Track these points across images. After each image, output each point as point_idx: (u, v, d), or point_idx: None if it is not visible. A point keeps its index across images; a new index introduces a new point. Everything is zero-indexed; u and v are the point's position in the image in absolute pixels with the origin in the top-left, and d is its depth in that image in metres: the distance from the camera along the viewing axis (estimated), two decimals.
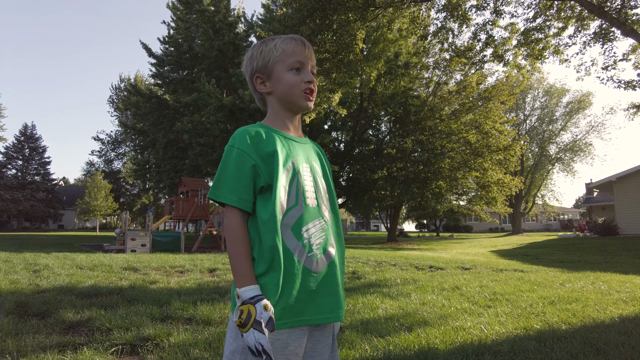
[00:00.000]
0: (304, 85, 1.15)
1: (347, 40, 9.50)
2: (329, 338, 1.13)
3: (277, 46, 1.15)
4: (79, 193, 43.98)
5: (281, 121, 1.17)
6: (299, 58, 1.15)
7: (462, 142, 18.05)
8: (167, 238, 12.46)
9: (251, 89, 1.22)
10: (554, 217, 49.74)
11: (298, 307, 1.03)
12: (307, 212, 1.08)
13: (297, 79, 1.14)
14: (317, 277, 1.06)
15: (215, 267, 7.01)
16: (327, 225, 1.13)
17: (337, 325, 1.20)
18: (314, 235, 1.08)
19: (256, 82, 1.17)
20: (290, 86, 1.14)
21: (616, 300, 4.31)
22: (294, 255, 1.03)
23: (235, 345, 1.03)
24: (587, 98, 33.62)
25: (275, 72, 1.14)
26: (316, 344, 1.09)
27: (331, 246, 1.12)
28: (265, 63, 1.15)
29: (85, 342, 2.69)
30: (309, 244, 1.06)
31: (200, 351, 2.53)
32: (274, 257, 1.01)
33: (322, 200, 1.14)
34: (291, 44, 1.15)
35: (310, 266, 1.05)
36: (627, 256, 11.34)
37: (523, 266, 8.35)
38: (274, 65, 1.14)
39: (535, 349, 2.63)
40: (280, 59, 1.14)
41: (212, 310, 3.61)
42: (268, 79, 1.16)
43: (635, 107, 12.86)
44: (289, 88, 1.14)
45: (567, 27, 11.02)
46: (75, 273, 5.87)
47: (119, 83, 42.72)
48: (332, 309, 1.08)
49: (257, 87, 1.18)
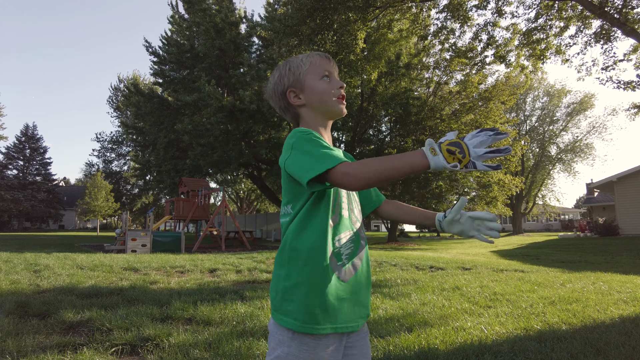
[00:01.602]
0: (337, 92, 1.19)
1: (347, 40, 9.51)
2: (355, 348, 1.12)
3: (303, 60, 1.21)
4: (80, 193, 44.03)
5: (317, 131, 1.17)
6: (327, 67, 1.20)
7: None
8: (167, 238, 12.47)
9: (281, 108, 1.23)
10: (554, 217, 49.70)
11: (331, 313, 1.04)
12: (341, 223, 1.11)
13: (328, 86, 1.18)
14: (345, 285, 1.08)
15: (215, 268, 7.01)
16: (356, 237, 1.15)
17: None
18: (344, 245, 1.10)
19: (290, 96, 1.19)
20: (324, 93, 1.18)
21: (617, 300, 4.30)
22: (329, 263, 1.06)
23: (280, 351, 1.03)
24: (589, 99, 33.60)
25: (307, 83, 1.18)
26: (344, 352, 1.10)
27: (358, 258, 1.13)
28: (297, 77, 1.19)
29: (86, 342, 2.69)
30: (340, 253, 1.08)
31: (200, 351, 2.53)
32: (311, 260, 1.04)
33: (352, 212, 1.18)
34: (316, 57, 1.21)
35: (339, 274, 1.07)
36: (627, 256, 11.32)
37: (523, 266, 8.34)
38: (305, 77, 1.18)
39: (536, 349, 2.62)
40: (310, 70, 1.19)
41: (212, 311, 3.61)
42: (301, 91, 1.18)
43: (636, 108, 12.86)
44: (323, 95, 1.18)
45: (568, 27, 11.03)
46: (76, 273, 5.87)
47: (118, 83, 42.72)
48: (353, 318, 1.09)
49: (292, 101, 1.20)
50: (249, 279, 5.84)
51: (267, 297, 4.34)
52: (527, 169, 34.78)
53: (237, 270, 6.74)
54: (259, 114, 18.25)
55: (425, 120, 18.11)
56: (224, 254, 10.38)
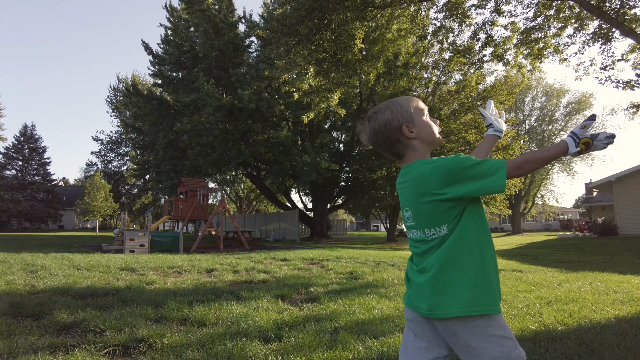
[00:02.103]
0: (437, 128, 1.49)
1: (345, 40, 9.49)
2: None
3: (408, 103, 1.48)
4: (79, 193, 43.99)
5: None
6: (425, 108, 1.51)
7: (462, 142, 18.04)
8: (165, 238, 12.45)
9: (391, 141, 1.45)
10: (553, 217, 49.69)
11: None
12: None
13: (432, 122, 1.48)
14: None
15: (213, 268, 6.99)
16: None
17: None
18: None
19: (405, 130, 1.43)
20: (432, 127, 1.47)
21: (613, 300, 4.29)
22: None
23: (500, 351, 1.23)
24: (587, 99, 33.62)
25: (416, 120, 1.45)
26: None
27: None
28: (410, 114, 1.44)
29: (78, 343, 2.68)
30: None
31: (193, 352, 2.52)
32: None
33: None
34: (416, 100, 1.51)
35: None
36: (626, 256, 11.31)
37: (522, 266, 8.33)
38: (414, 116, 1.45)
39: (530, 350, 2.61)
40: (416, 110, 1.46)
41: (207, 311, 3.60)
42: (414, 126, 1.43)
43: (634, 107, 12.85)
44: (431, 129, 1.46)
45: (566, 27, 11.01)
46: (72, 274, 5.86)
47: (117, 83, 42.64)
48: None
49: (407, 134, 1.43)
50: (246, 279, 5.82)
51: (262, 297, 4.33)
52: None
53: (235, 271, 6.73)
54: (258, 113, 18.22)
55: None
56: (222, 254, 10.37)
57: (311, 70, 10.16)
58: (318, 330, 3.04)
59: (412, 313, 1.39)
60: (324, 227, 24.92)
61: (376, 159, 20.44)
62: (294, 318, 3.46)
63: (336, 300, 4.18)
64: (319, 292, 4.73)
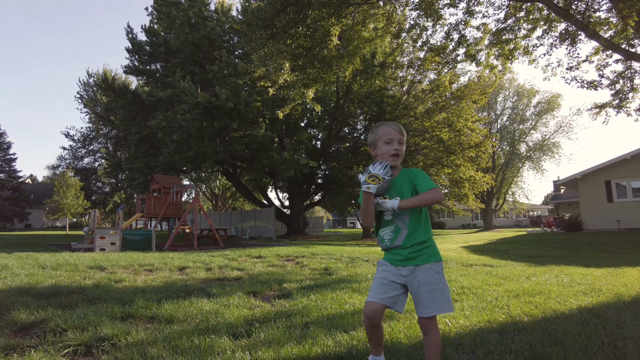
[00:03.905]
0: (393, 152, 2.14)
1: (321, 36, 9.46)
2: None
3: (378, 128, 2.21)
4: (48, 191, 42.40)
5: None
6: (391, 136, 2.15)
7: (435, 140, 18.34)
8: (138, 236, 12.15)
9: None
10: (523, 213, 51.27)
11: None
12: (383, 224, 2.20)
13: (389, 148, 2.15)
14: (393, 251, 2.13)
15: (185, 265, 6.86)
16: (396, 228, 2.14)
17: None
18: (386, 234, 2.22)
19: (371, 150, 2.25)
20: (385, 153, 2.15)
21: (577, 292, 4.45)
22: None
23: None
24: (556, 99, 34.75)
25: (378, 145, 2.19)
26: None
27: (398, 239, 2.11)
28: (374, 139, 2.21)
29: (36, 344, 2.56)
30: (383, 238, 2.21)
31: (159, 350, 2.45)
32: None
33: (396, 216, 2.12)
34: (387, 127, 2.18)
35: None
36: (590, 250, 11.78)
37: (492, 261, 8.54)
38: (377, 141, 2.19)
39: (497, 341, 2.67)
40: (382, 136, 2.17)
41: (176, 308, 3.52)
42: (375, 148, 2.22)
43: (597, 107, 13.34)
44: (384, 154, 2.15)
45: (535, 29, 11.33)
46: (36, 273, 5.62)
47: (87, 78, 41.19)
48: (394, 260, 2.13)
49: (372, 153, 2.24)
50: (218, 277, 5.74)
51: (234, 294, 4.27)
52: (498, 167, 35.70)
53: (208, 268, 6.62)
54: (235, 111, 17.97)
55: (400, 118, 18.30)
56: (195, 252, 10.19)
57: (286, 65, 10.10)
58: (289, 325, 3.01)
59: None
60: (301, 224, 24.88)
61: (353, 156, 20.54)
62: (265, 314, 3.42)
63: (309, 296, 4.17)
64: (292, 288, 4.71)
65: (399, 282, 2.06)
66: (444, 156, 18.04)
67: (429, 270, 2.02)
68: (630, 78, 11.77)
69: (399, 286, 2.06)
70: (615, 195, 19.02)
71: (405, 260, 2.05)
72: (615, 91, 11.95)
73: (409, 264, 2.04)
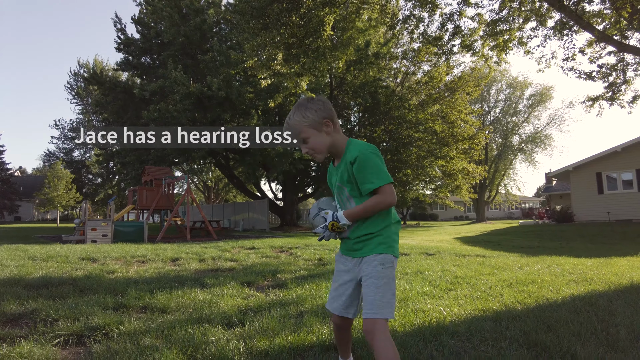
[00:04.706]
0: (305, 154, 1.90)
1: (314, 25, 9.37)
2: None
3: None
4: (38, 183, 41.88)
5: None
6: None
7: (429, 131, 18.36)
8: (129, 228, 12.06)
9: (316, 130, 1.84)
10: (516, 205, 51.74)
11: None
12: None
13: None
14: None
15: (178, 257, 6.82)
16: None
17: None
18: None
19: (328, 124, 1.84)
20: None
21: (568, 281, 4.49)
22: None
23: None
24: (548, 91, 34.94)
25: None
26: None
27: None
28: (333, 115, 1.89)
29: (26, 334, 2.52)
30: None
31: (152, 339, 2.42)
32: None
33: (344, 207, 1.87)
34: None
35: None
36: (581, 241, 11.93)
37: (485, 252, 8.60)
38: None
39: (491, 328, 2.67)
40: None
41: (169, 298, 3.49)
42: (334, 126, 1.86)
43: (591, 100, 13.42)
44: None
45: (529, 20, 11.32)
46: (26, 264, 5.55)
47: (78, 69, 40.53)
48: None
49: (325, 129, 1.83)
50: (212, 268, 5.71)
51: (228, 284, 4.24)
52: (491, 159, 35.93)
53: (201, 259, 6.58)
54: (228, 101, 17.81)
55: (394, 109, 18.28)
56: (188, 244, 10.14)
57: (279, 55, 10.00)
58: (283, 314, 3.00)
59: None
60: (294, 216, 24.87)
61: None
62: (259, 303, 3.41)
63: (303, 286, 4.15)
64: (286, 278, 4.69)
65: (348, 275, 1.86)
66: (437, 148, 18.07)
67: (372, 261, 1.74)
68: (623, 70, 11.84)
69: (347, 279, 1.86)
70: (606, 187, 19.22)
71: (350, 251, 1.84)
72: (608, 83, 12.01)
73: (355, 255, 1.81)
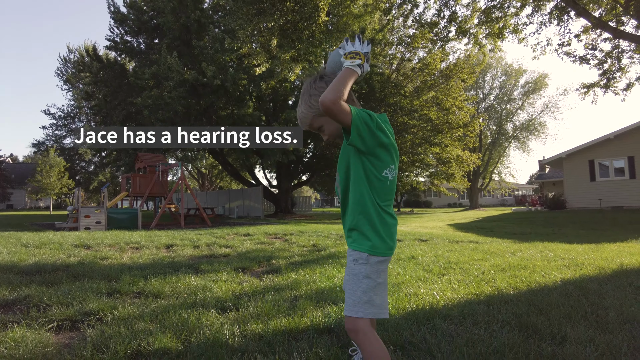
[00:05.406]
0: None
1: (309, 10, 9.24)
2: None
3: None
4: (30, 171, 41.49)
5: None
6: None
7: (424, 118, 18.33)
8: (123, 215, 12.02)
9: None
10: (509, 192, 52.14)
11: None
12: None
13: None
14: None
15: (172, 243, 6.81)
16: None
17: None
18: None
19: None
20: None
21: (560, 266, 4.54)
22: None
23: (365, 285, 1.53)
24: (543, 79, 34.92)
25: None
26: None
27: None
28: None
29: (19, 319, 2.51)
30: None
31: (146, 323, 2.42)
32: None
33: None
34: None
35: None
36: (572, 228, 12.06)
37: (478, 238, 8.68)
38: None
39: (484, 312, 2.70)
40: None
41: (163, 284, 3.49)
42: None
43: (585, 87, 13.43)
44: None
45: (525, 6, 11.23)
46: (19, 251, 5.52)
47: (68, 54, 39.77)
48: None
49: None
50: (206, 254, 5.71)
51: (222, 269, 4.25)
52: (485, 146, 36.03)
53: (195, 246, 6.58)
54: (222, 89, 17.62)
55: (389, 96, 18.20)
56: (182, 231, 10.13)
57: (274, 41, 9.87)
58: (277, 299, 3.01)
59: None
60: (289, 203, 24.90)
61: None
62: (253, 288, 3.42)
63: (297, 271, 4.17)
64: (280, 264, 4.71)
65: None
66: (432, 135, 18.07)
67: (349, 257, 1.64)
68: (618, 57, 11.83)
69: None
70: (598, 174, 19.39)
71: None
72: (603, 71, 12.01)
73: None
